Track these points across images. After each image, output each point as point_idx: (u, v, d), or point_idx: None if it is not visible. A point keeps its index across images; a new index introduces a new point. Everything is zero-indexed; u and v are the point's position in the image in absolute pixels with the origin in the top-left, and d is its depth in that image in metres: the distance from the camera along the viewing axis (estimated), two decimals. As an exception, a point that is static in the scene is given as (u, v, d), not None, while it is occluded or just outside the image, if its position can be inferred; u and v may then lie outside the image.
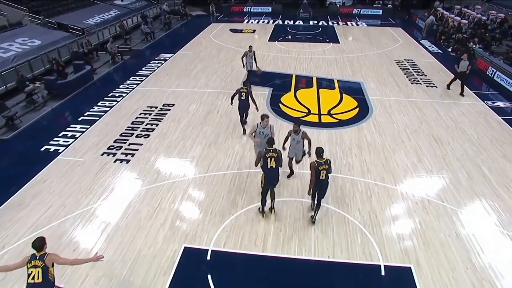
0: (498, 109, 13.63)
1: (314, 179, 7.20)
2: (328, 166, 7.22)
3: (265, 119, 8.66)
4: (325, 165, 7.16)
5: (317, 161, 7.17)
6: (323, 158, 7.20)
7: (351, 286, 6.55)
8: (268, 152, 7.45)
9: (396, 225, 7.94)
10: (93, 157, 10.40)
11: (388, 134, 11.69)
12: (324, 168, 7.16)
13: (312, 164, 7.21)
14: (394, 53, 20.42)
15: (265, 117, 8.68)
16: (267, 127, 8.73)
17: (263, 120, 8.68)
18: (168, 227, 7.83)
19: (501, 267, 6.85)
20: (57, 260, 5.47)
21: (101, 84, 16.43)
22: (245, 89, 11.11)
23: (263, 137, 8.61)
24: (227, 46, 21.75)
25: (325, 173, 7.19)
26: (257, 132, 8.80)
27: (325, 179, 7.27)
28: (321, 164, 7.14)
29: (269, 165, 7.44)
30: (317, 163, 7.14)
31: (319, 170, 7.12)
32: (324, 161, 7.17)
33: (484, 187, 9.13)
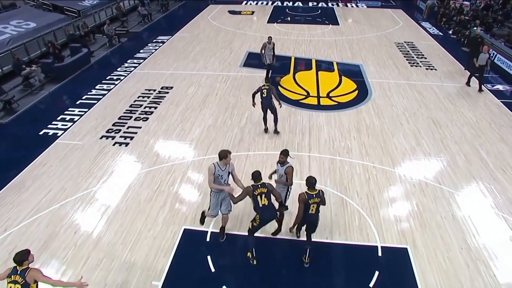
0: (498, 92, 13.58)
1: (302, 214, 6.16)
2: (321, 199, 6.11)
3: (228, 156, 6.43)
4: (316, 198, 6.04)
5: (308, 192, 6.05)
6: (315, 190, 6.08)
7: (349, 267, 6.65)
8: (256, 188, 6.23)
9: (393, 207, 8.02)
10: (92, 141, 10.39)
11: (387, 117, 11.67)
12: (316, 202, 6.06)
13: (301, 196, 6.05)
14: (394, 35, 20.19)
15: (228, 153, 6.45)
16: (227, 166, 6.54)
17: (225, 158, 6.41)
18: (168, 209, 7.89)
19: (495, 248, 6.96)
20: (39, 278, 4.92)
21: (99, 67, 16.27)
22: (267, 86, 10.13)
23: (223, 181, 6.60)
24: (226, 28, 21.46)
25: (315, 207, 6.10)
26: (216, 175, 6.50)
27: (315, 213, 6.16)
28: (312, 196, 6.02)
29: (261, 204, 6.22)
30: (307, 195, 6.02)
31: (309, 204, 6.04)
32: (316, 193, 6.06)
33: (481, 170, 9.18)
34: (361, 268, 6.61)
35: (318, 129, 10.96)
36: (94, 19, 21.04)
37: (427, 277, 6.38)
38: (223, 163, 6.44)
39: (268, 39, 13.58)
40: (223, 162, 6.42)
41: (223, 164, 6.44)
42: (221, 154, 6.39)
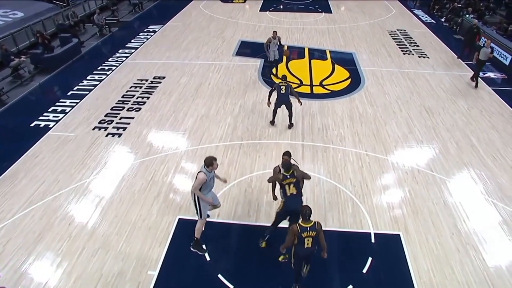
0: (489, 79, 13.67)
1: (290, 245, 5.55)
2: (317, 232, 5.38)
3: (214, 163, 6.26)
4: (311, 231, 5.34)
5: (301, 225, 5.38)
6: (310, 222, 5.40)
7: (343, 254, 6.75)
8: (285, 178, 6.23)
9: (386, 194, 8.11)
10: (85, 132, 10.31)
11: (379, 105, 11.72)
12: (310, 236, 5.36)
13: (293, 228, 5.40)
14: (387, 23, 20.14)
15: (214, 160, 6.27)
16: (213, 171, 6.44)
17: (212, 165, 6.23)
18: (162, 199, 7.90)
19: (484, 232, 7.10)
20: None
21: (89, 57, 16.04)
22: (285, 83, 9.86)
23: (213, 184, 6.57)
24: (218, 17, 21.23)
25: (311, 241, 5.39)
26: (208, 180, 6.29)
27: (311, 247, 5.46)
28: (305, 230, 5.33)
29: (289, 193, 6.23)
30: (300, 228, 5.35)
31: (302, 238, 5.36)
32: (310, 226, 5.35)
33: (472, 157, 9.29)
34: (355, 254, 6.72)
35: (311, 117, 10.98)
36: (83, 8, 20.65)
37: (419, 262, 6.50)
38: (210, 169, 6.28)
39: (273, 33, 12.96)
40: (210, 168, 6.27)
41: (210, 169, 6.28)
42: (207, 162, 6.21)
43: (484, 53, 12.51)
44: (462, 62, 14.96)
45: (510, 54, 14.36)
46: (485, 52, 12.50)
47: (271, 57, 13.14)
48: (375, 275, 6.32)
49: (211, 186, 6.51)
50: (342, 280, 6.22)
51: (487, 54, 12.50)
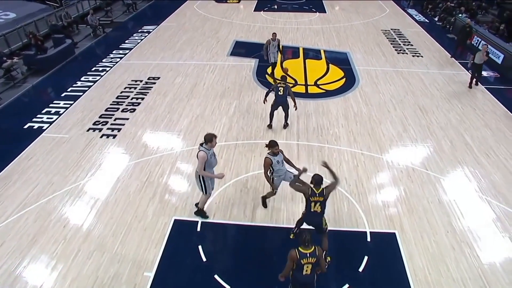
0: (482, 78, 13.74)
1: (287, 273, 5.22)
2: (317, 259, 5.02)
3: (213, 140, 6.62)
4: (311, 257, 4.98)
5: (301, 251, 4.98)
6: (310, 248, 5.00)
7: (338, 253, 6.76)
8: (314, 195, 5.97)
9: (381, 193, 8.14)
10: (79, 133, 10.24)
11: (374, 104, 11.76)
12: (310, 262, 5.00)
13: (291, 254, 5.02)
14: (381, 23, 20.23)
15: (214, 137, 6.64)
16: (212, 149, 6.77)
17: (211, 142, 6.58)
18: (158, 200, 7.87)
19: (478, 230, 7.15)
20: None
21: (83, 58, 15.95)
22: (283, 84, 9.69)
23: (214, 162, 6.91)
24: (212, 17, 21.20)
25: (310, 268, 5.04)
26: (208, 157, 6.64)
27: (310, 274, 5.10)
28: (304, 256, 4.96)
29: (313, 209, 6.06)
30: (299, 254, 4.97)
31: (301, 264, 5.00)
32: (310, 252, 4.98)
33: (466, 155, 9.36)
34: (351, 253, 6.73)
35: (306, 117, 11.00)
36: (77, 9, 20.53)
37: (414, 260, 6.53)
38: (209, 146, 6.57)
39: (273, 35, 12.70)
40: (209, 146, 6.56)
41: (209, 147, 6.57)
42: (206, 139, 6.54)
43: (479, 57, 12.38)
44: (456, 61, 15.06)
45: (502, 53, 14.48)
46: (479, 56, 12.37)
47: (271, 59, 12.92)
48: (371, 273, 6.34)
49: (213, 163, 6.79)
50: (338, 279, 6.24)
51: (481, 57, 12.35)
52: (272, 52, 12.76)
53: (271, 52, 12.78)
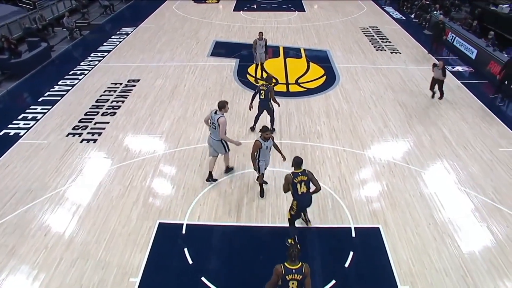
0: (457, 73, 14.14)
1: (275, 286, 5.03)
2: (303, 276, 4.83)
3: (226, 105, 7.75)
4: (297, 274, 4.81)
5: (287, 266, 4.85)
6: (297, 264, 4.85)
7: (324, 250, 6.82)
8: (296, 176, 6.26)
9: (364, 189, 8.25)
10: (58, 139, 10.00)
11: (355, 101, 11.91)
12: (296, 279, 4.83)
13: (277, 269, 4.89)
14: (359, 21, 20.49)
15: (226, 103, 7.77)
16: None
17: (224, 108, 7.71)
18: (141, 204, 7.75)
19: (458, 221, 7.34)
20: None
21: (60, 61, 15.58)
22: (265, 87, 9.38)
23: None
24: (191, 18, 21.04)
25: (296, 285, 4.87)
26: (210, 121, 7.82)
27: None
28: (290, 272, 4.80)
29: (300, 191, 6.27)
30: (284, 270, 4.83)
31: (286, 280, 4.84)
32: (296, 268, 4.82)
33: (444, 148, 9.58)
34: (336, 249, 6.79)
35: (288, 115, 11.04)
36: (52, 11, 20.01)
37: (398, 253, 6.64)
38: (223, 112, 7.70)
39: (259, 35, 12.45)
40: (223, 111, 7.70)
41: (223, 112, 7.70)
42: (220, 105, 7.69)
43: (437, 73, 11.42)
44: (432, 57, 15.39)
45: (475, 49, 14.88)
46: (437, 73, 11.41)
47: (257, 59, 12.73)
48: (357, 268, 6.41)
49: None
50: (325, 275, 6.28)
51: (439, 74, 11.37)
52: (259, 52, 12.52)
53: (258, 52, 12.53)
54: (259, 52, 12.51)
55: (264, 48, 12.50)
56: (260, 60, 12.70)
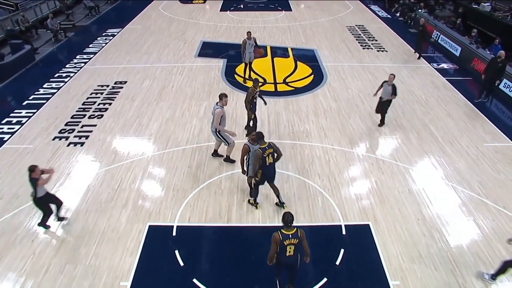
0: (443, 70, 14.34)
1: (273, 255, 5.40)
2: (299, 239, 5.25)
3: (223, 98, 8.26)
4: (293, 238, 5.22)
5: (283, 232, 5.23)
6: (292, 229, 5.26)
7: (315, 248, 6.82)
8: (264, 150, 6.89)
9: (354, 186, 8.31)
10: (44, 143, 9.83)
11: (343, 99, 11.99)
12: (293, 243, 5.24)
13: (275, 236, 5.24)
14: (346, 19, 20.63)
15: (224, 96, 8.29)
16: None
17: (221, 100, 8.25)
18: (131, 207, 7.67)
19: (446, 215, 7.46)
20: None
21: (45, 64, 15.31)
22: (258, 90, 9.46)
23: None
24: (178, 18, 20.91)
25: (293, 249, 5.28)
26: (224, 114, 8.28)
27: (293, 255, 5.36)
28: (287, 237, 5.20)
29: (268, 162, 6.98)
30: (282, 236, 5.20)
31: (284, 245, 5.22)
32: (292, 233, 5.22)
33: (431, 145, 9.71)
34: (327, 247, 6.83)
35: (276, 115, 11.06)
36: (35, 12, 19.64)
37: (388, 249, 6.71)
38: (222, 104, 8.17)
39: (247, 34, 12.50)
40: (222, 103, 8.17)
41: (222, 104, 8.17)
42: (221, 96, 8.26)
43: (386, 91, 9.94)
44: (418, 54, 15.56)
45: (459, 46, 15.12)
46: (387, 90, 9.93)
47: (246, 59, 12.63)
48: (348, 266, 6.45)
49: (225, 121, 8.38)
50: (316, 273, 6.30)
51: (389, 92, 9.90)
52: (249, 52, 12.48)
53: (247, 52, 12.47)
54: (248, 51, 12.48)
55: (253, 48, 12.51)
56: (250, 59, 12.68)
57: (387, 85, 9.88)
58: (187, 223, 7.30)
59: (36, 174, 6.51)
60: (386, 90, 9.90)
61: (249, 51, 12.49)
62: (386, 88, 9.89)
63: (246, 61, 12.75)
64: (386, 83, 9.92)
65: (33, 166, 6.57)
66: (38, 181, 6.52)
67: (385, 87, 9.91)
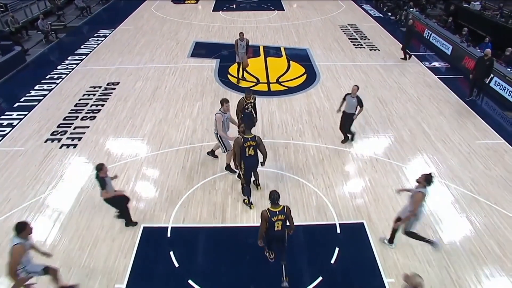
0: (434, 68, 14.46)
1: (263, 230, 5.86)
2: (286, 216, 5.73)
3: (224, 104, 7.97)
4: (280, 215, 5.69)
5: (271, 210, 5.70)
6: (279, 206, 5.73)
7: (310, 247, 6.86)
8: (246, 141, 7.03)
9: (348, 185, 8.35)
10: (36, 145, 9.73)
11: (336, 98, 12.01)
12: (280, 219, 5.71)
13: (263, 214, 5.72)
14: (338, 19, 20.71)
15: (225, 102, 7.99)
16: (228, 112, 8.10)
17: (227, 103, 8.00)
18: (125, 209, 7.62)
19: (439, 212, 7.52)
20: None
21: (36, 66, 15.17)
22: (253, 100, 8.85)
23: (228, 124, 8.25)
24: (170, 18, 20.83)
25: (281, 224, 5.75)
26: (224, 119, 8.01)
27: (281, 230, 5.81)
28: (275, 214, 5.66)
29: (248, 154, 7.12)
30: (269, 213, 5.69)
31: (272, 222, 5.69)
32: (279, 210, 5.69)
33: (424, 143, 9.79)
34: (322, 246, 6.85)
35: (270, 115, 11.07)
36: (25, 13, 19.42)
37: (382, 247, 6.75)
38: (223, 110, 7.96)
39: (240, 35, 12.38)
40: (223, 109, 7.95)
41: (224, 110, 7.96)
42: (221, 102, 8.02)
43: (350, 104, 9.08)
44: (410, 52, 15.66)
45: (451, 44, 15.25)
46: (351, 103, 9.07)
47: (239, 58, 12.61)
48: (343, 264, 6.48)
49: (228, 126, 8.17)
50: (311, 272, 6.32)
51: (353, 105, 9.06)
52: (240, 52, 12.45)
53: (240, 52, 12.45)
54: (240, 52, 12.46)
55: (245, 49, 12.45)
56: (242, 59, 12.63)
57: (351, 97, 9.03)
58: (182, 224, 7.28)
59: (103, 173, 6.46)
60: (350, 103, 9.07)
61: (240, 52, 12.45)
62: (350, 101, 9.06)
63: (239, 60, 12.70)
64: (349, 96, 9.07)
65: (100, 164, 6.48)
66: (105, 179, 6.49)
67: (349, 100, 9.07)
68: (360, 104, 9.05)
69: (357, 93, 9.01)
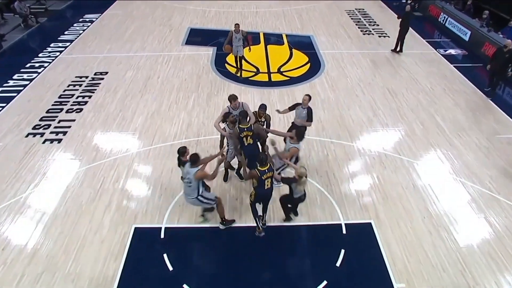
0: (450, 56, 14.43)
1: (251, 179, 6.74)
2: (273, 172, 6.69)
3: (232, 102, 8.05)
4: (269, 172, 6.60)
5: (260, 169, 6.54)
6: (266, 165, 6.53)
7: (314, 248, 6.88)
8: (242, 131, 7.32)
9: (354, 182, 8.36)
10: (16, 140, 9.72)
11: (341, 89, 12.02)
12: (269, 176, 6.64)
13: (253, 173, 6.57)
14: (345, 3, 20.60)
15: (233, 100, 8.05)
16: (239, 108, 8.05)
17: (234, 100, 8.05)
18: (115, 208, 7.64)
19: (454, 213, 7.53)
20: None
21: (14, 53, 15.11)
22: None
23: None
24: (163, 3, 20.71)
25: (269, 182, 6.70)
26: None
27: (270, 187, 6.78)
28: (264, 172, 6.53)
29: (246, 143, 7.39)
30: (259, 172, 6.52)
31: (262, 180, 6.61)
32: (268, 168, 6.55)
33: (438, 137, 9.79)
34: (327, 248, 6.87)
35: (270, 106, 11.01)
36: (0, -5, 19.25)
37: (392, 249, 6.77)
38: (233, 106, 8.06)
39: (235, 27, 12.12)
40: (233, 106, 8.07)
41: (234, 106, 8.06)
42: (229, 98, 8.13)
43: (300, 116, 8.47)
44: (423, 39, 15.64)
45: (469, 30, 15.16)
46: (300, 115, 8.46)
47: (234, 52, 12.43)
48: (349, 267, 6.50)
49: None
50: (315, 276, 6.34)
51: (302, 117, 8.41)
52: (236, 46, 12.23)
53: (235, 46, 12.25)
54: (235, 45, 12.25)
55: (241, 41, 12.23)
56: (237, 53, 12.49)
57: (302, 108, 8.35)
58: (176, 225, 7.30)
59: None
60: (300, 114, 8.39)
61: (236, 45, 12.26)
62: (300, 112, 8.38)
63: (235, 54, 12.54)
64: (299, 106, 8.39)
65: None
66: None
67: (299, 111, 8.41)
68: (310, 118, 8.28)
69: (308, 104, 8.28)
